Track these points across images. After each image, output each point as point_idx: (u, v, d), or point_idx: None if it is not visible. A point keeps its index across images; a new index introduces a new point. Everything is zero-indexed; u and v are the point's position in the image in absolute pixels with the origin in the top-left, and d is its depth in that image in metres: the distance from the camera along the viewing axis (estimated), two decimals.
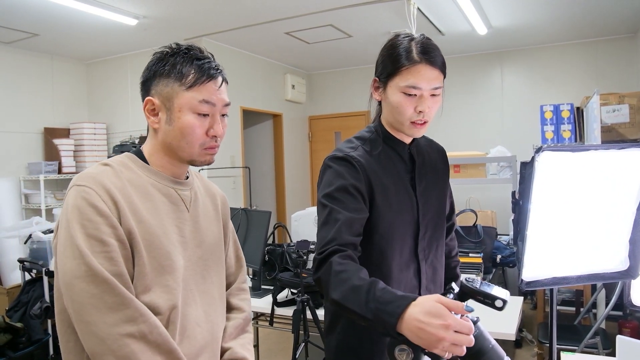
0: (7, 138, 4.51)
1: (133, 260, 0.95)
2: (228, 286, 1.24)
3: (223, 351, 1.14)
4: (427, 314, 0.83)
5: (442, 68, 1.24)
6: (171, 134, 1.03)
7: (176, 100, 1.01)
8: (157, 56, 1.05)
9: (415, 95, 1.20)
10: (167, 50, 1.05)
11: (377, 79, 1.31)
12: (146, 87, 1.05)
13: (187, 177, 1.13)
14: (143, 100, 1.06)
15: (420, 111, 1.21)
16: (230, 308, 1.22)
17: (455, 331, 0.80)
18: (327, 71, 6.38)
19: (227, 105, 1.08)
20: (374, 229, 1.23)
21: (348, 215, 1.14)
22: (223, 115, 1.08)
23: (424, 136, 1.41)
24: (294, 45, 4.99)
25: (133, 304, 0.90)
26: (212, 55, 1.08)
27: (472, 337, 0.81)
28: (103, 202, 0.93)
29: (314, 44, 5.00)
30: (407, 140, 1.33)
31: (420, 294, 1.14)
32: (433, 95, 1.22)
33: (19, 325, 3.06)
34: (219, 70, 1.06)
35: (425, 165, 1.36)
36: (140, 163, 1.05)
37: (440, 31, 4.59)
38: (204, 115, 1.03)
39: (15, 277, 4.03)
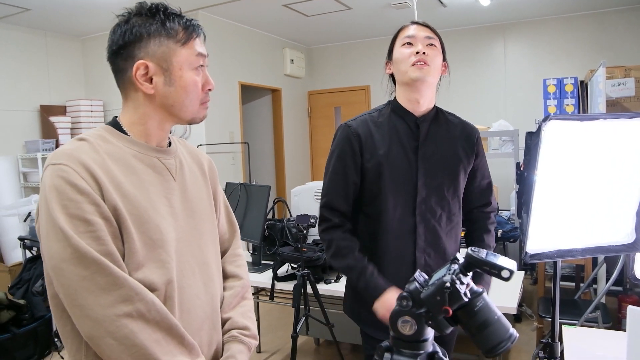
0: (3, 116, 4.46)
1: (122, 238, 0.91)
2: (223, 253, 1.20)
3: (223, 322, 1.11)
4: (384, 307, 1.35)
5: (434, 29, 1.44)
6: (173, 94, 0.98)
7: (175, 59, 0.96)
8: (124, 19, 0.98)
9: (412, 44, 1.41)
10: (132, 10, 0.98)
11: (387, 60, 1.52)
12: (128, 53, 0.96)
13: (170, 145, 1.08)
14: (120, 70, 0.98)
15: (417, 52, 1.38)
16: (226, 276, 1.18)
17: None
18: (326, 45, 6.27)
19: (207, 57, 1.05)
20: (365, 180, 1.44)
21: (336, 186, 1.46)
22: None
23: (456, 116, 1.55)
24: (292, 18, 4.88)
25: (127, 282, 0.87)
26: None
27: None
28: (82, 179, 0.88)
29: (313, 17, 4.90)
30: (418, 112, 1.46)
31: (415, 254, 1.42)
32: (429, 44, 1.40)
33: (21, 302, 3.08)
34: (199, 25, 1.03)
35: (439, 137, 1.47)
36: (118, 134, 0.99)
37: (442, 2, 4.49)
38: (199, 68, 1.00)
39: (17, 255, 4.04)
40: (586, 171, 1.28)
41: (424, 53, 1.38)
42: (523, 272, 2.52)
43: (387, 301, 1.35)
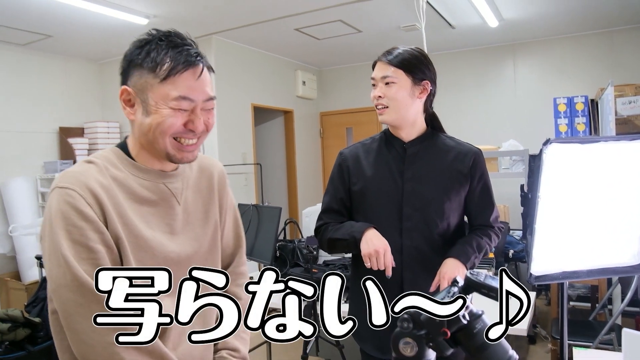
0: (24, 138, 4.60)
1: (122, 265, 0.91)
2: (225, 268, 1.17)
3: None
4: (376, 237, 1.38)
5: (395, 62, 1.44)
6: (146, 126, 0.94)
7: (150, 94, 0.92)
8: (134, 44, 0.96)
9: (375, 86, 1.48)
10: (146, 37, 0.95)
11: None
12: (124, 77, 0.97)
13: (177, 167, 1.06)
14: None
15: (373, 96, 1.48)
16: None
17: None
18: (337, 67, 6.36)
19: (209, 100, 0.96)
20: (354, 202, 1.55)
21: (329, 199, 1.60)
22: (210, 109, 0.98)
23: (455, 139, 1.56)
24: (304, 41, 4.98)
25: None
26: (194, 43, 0.97)
27: (384, 262, 1.33)
28: (88, 206, 0.87)
29: (324, 40, 4.99)
30: (406, 137, 1.52)
31: (402, 273, 1.46)
32: (387, 83, 1.45)
33: (37, 320, 3.12)
34: (198, 57, 0.94)
35: (428, 159, 1.50)
36: (125, 159, 0.99)
37: (450, 25, 4.55)
38: (179, 111, 0.93)
39: (33, 274, 4.12)
40: (589, 193, 1.29)
41: (379, 97, 1.46)
42: (535, 293, 2.49)
43: (371, 239, 1.38)
